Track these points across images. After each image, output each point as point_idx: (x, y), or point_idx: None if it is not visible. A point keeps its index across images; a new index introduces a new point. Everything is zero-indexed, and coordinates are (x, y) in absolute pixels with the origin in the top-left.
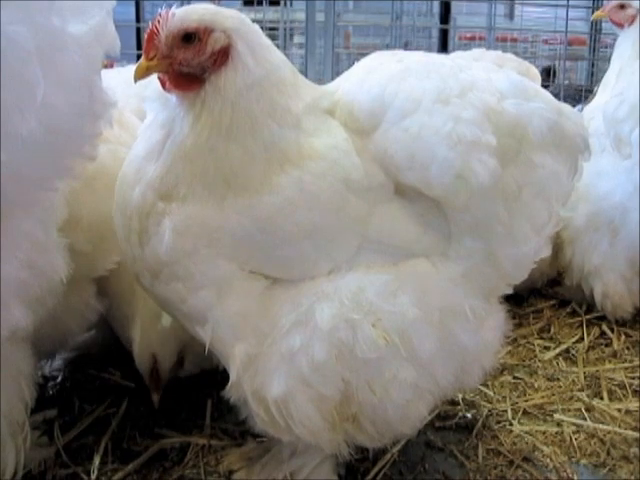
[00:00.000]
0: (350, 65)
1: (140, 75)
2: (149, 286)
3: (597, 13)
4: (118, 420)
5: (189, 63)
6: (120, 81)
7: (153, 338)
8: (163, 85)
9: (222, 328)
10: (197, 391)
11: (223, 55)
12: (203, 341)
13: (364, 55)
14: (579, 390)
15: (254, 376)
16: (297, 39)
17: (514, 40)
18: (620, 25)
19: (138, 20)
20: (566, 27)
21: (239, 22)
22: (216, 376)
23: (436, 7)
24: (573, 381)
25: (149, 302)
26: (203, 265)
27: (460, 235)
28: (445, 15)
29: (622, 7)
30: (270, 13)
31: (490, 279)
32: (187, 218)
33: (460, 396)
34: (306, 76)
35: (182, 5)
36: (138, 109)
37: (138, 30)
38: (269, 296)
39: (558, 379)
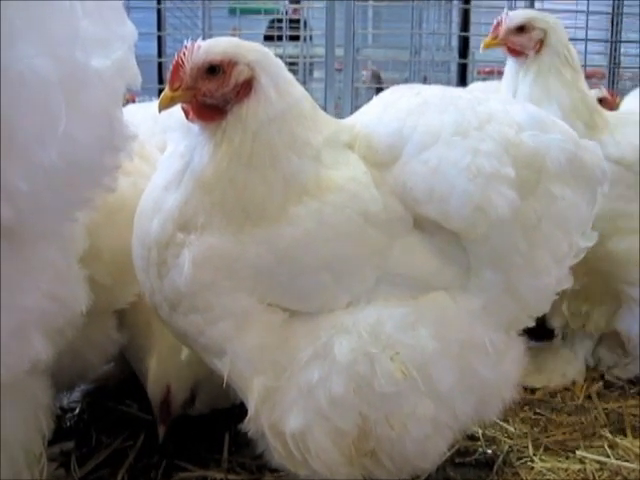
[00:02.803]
0: (369, 99)
1: (165, 105)
2: (167, 318)
3: (486, 41)
4: (135, 453)
5: (213, 94)
6: (146, 116)
7: (169, 369)
8: (186, 115)
9: (240, 361)
10: (215, 424)
11: (246, 87)
12: (221, 374)
13: (383, 89)
14: (602, 427)
15: (272, 409)
16: (317, 74)
17: None
18: (521, 54)
19: (160, 55)
20: (585, 60)
21: (262, 55)
22: (234, 410)
23: (455, 41)
24: (595, 417)
25: (167, 334)
26: (222, 297)
27: (479, 267)
28: (464, 49)
29: (522, 30)
30: (290, 48)
31: (510, 311)
32: (206, 249)
33: (480, 432)
34: (325, 110)
35: (205, 39)
36: (163, 145)
37: (160, 65)
38: (287, 329)
39: (580, 415)
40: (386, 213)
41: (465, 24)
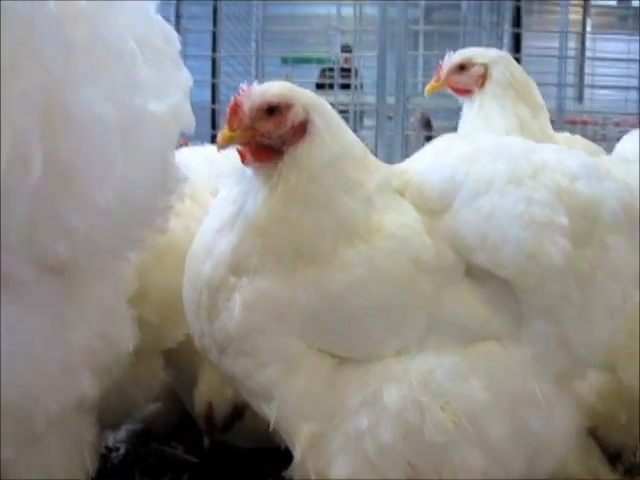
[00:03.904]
0: (419, 147)
1: (223, 144)
2: (216, 361)
3: (430, 85)
4: None
5: (270, 135)
6: (199, 160)
7: (211, 387)
8: (242, 158)
9: (287, 406)
10: (259, 470)
11: (301, 129)
12: (268, 418)
13: (433, 137)
14: None
15: (318, 456)
16: (367, 121)
17: (584, 123)
18: (466, 92)
19: (213, 102)
20: (639, 109)
21: (316, 99)
22: (278, 455)
23: None
24: None
25: None
26: (272, 341)
27: (531, 317)
28: None
29: (462, 68)
30: (341, 96)
31: (563, 363)
32: (257, 293)
33: None
34: (376, 157)
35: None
36: (215, 189)
37: (213, 111)
38: (336, 375)
39: None
40: (438, 260)
41: None
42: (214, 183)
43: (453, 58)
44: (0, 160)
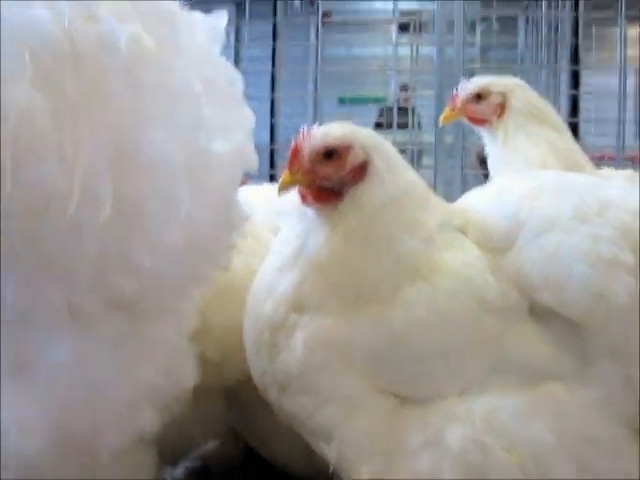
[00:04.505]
0: (478, 186)
1: (284, 188)
2: (276, 400)
3: (446, 113)
4: None
5: (330, 178)
6: (261, 199)
7: None
8: (304, 199)
9: (348, 447)
10: None
11: (361, 170)
12: (327, 459)
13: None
14: None
15: None
16: (425, 160)
17: None
18: (483, 122)
19: (272, 142)
20: None
21: (376, 140)
22: None
23: None
24: None
25: None
26: (333, 380)
27: (597, 358)
28: (573, 135)
29: (479, 97)
30: (399, 135)
31: (630, 405)
32: (318, 331)
33: None
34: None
35: (317, 125)
36: (273, 224)
37: (272, 151)
38: (397, 415)
39: None
40: (502, 300)
41: (574, 111)
42: (274, 221)
43: (469, 87)
44: (72, 197)
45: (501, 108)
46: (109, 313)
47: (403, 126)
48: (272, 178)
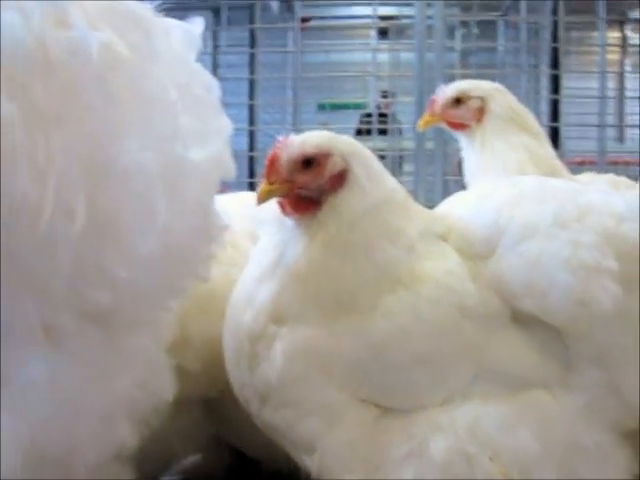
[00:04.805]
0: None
1: (263, 198)
2: (257, 412)
3: (424, 120)
4: None
5: (309, 187)
6: (240, 208)
7: None
8: (282, 209)
9: (330, 458)
10: None
11: (340, 178)
12: (309, 471)
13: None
14: None
15: None
16: (406, 167)
17: (627, 163)
18: (462, 127)
19: (251, 149)
20: None
21: (355, 147)
22: None
23: (544, 133)
24: None
25: None
26: (313, 391)
27: (581, 364)
28: (554, 140)
29: (458, 102)
30: (379, 142)
31: (615, 411)
32: (298, 342)
33: None
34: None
35: (296, 133)
36: (252, 233)
37: (251, 159)
38: (380, 426)
39: None
40: (483, 307)
41: (555, 115)
42: (253, 231)
43: (448, 91)
44: (45, 209)
45: (480, 113)
46: (84, 326)
47: (384, 132)
48: (251, 186)
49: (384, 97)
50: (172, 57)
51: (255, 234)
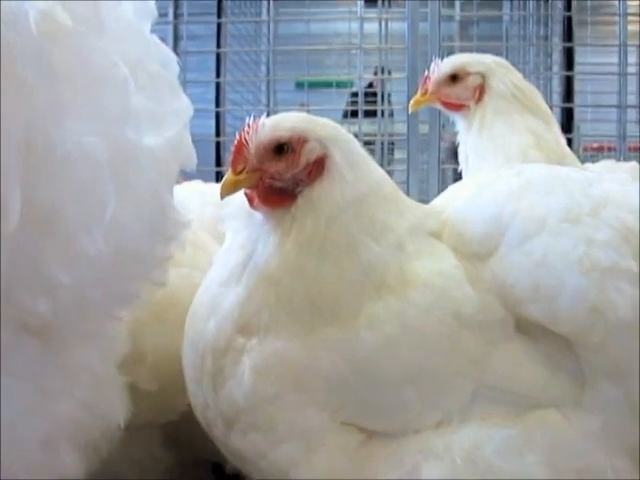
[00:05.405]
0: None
1: (228, 191)
2: (222, 438)
3: (416, 99)
4: None
5: (281, 176)
6: (198, 199)
7: None
8: (251, 202)
9: None
10: None
11: (318, 167)
12: None
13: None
14: None
15: None
16: (398, 154)
17: None
18: (459, 108)
19: (218, 134)
20: None
21: (335, 131)
22: None
23: (557, 114)
24: None
25: None
26: (288, 413)
27: (596, 380)
28: (568, 123)
29: (455, 79)
30: (366, 125)
31: (634, 434)
32: (269, 356)
33: None
34: (408, 195)
35: (270, 115)
36: (216, 230)
37: (218, 145)
38: (364, 452)
39: None
40: (483, 315)
41: (568, 95)
42: (218, 227)
43: (443, 67)
44: None
45: (480, 91)
46: (21, 339)
47: (370, 114)
48: (218, 176)
49: (375, 74)
50: (123, 28)
51: (220, 231)
